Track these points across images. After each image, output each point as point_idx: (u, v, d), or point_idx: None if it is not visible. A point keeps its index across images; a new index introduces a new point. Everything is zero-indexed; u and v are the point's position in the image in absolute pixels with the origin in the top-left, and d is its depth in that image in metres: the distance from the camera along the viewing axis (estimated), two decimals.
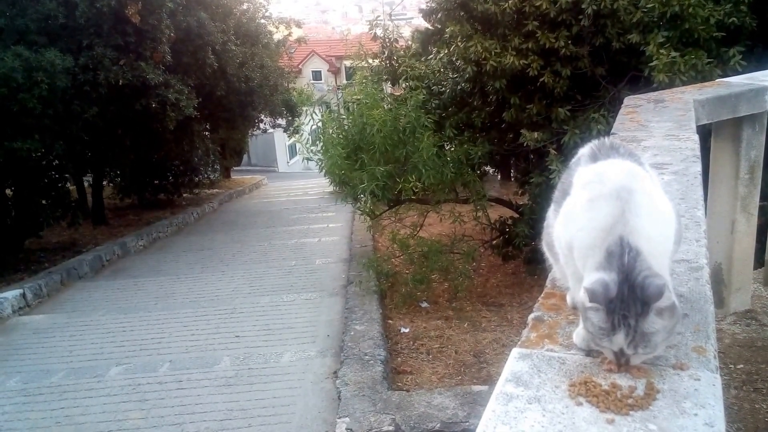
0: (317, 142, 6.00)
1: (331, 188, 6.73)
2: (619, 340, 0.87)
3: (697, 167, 1.77)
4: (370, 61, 7.00)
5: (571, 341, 1.01)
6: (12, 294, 5.47)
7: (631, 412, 0.81)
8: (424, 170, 5.11)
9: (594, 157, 1.05)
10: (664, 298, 0.85)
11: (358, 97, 5.75)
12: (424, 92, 5.75)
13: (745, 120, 3.03)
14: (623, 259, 0.87)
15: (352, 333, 4.24)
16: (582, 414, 0.82)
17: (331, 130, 5.86)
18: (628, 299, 0.86)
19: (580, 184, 1.01)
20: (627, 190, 0.93)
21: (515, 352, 1.00)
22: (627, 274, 0.86)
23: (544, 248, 1.19)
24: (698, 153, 1.91)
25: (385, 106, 5.72)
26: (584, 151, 1.10)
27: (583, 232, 0.94)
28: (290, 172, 25.65)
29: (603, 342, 0.89)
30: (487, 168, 7.70)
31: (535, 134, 4.90)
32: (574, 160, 1.13)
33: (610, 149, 1.06)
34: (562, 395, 0.86)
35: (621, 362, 0.90)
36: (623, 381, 0.88)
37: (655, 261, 0.89)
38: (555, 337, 1.04)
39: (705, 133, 2.92)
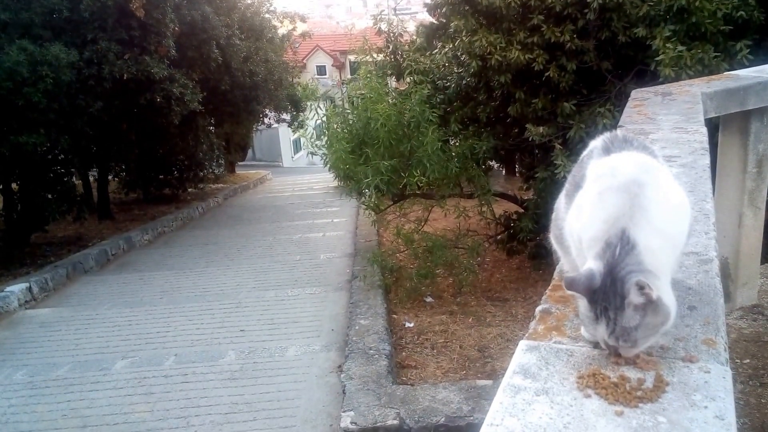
0: (322, 137, 5.99)
1: (335, 183, 6.72)
2: (601, 331, 0.89)
3: (706, 160, 1.75)
4: (375, 55, 6.96)
5: (579, 333, 1.00)
6: (18, 288, 5.50)
7: (640, 405, 0.80)
8: (428, 165, 5.09)
9: (607, 150, 1.04)
10: (638, 295, 0.84)
11: (363, 92, 5.72)
12: (429, 87, 5.71)
13: (753, 113, 3.01)
14: (614, 251, 0.87)
15: (357, 327, 4.24)
16: (590, 406, 0.81)
17: (335, 125, 5.85)
18: (609, 292, 0.86)
19: (592, 177, 1.00)
20: (638, 184, 0.92)
21: (523, 344, 0.99)
22: (612, 267, 0.86)
23: (552, 241, 1.18)
24: (707, 146, 1.89)
25: (389, 100, 5.70)
26: (596, 143, 1.09)
27: (591, 224, 0.94)
28: (295, 167, 25.65)
29: (589, 329, 0.93)
30: (492, 163, 7.66)
31: (541, 129, 4.88)
32: (585, 152, 1.12)
33: (624, 142, 1.05)
34: (571, 387, 0.85)
35: (611, 350, 0.91)
36: (632, 373, 0.87)
37: (655, 257, 0.88)
38: (563, 329, 1.03)
39: (712, 127, 2.90)
